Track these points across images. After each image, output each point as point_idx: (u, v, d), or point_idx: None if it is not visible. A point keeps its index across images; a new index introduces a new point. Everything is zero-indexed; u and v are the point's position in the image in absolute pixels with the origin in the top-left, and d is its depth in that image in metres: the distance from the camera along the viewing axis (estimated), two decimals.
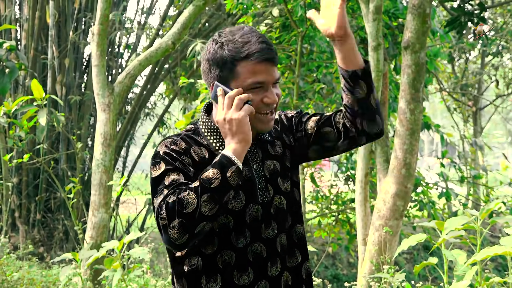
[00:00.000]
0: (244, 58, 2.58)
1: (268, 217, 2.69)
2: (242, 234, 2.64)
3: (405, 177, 6.19)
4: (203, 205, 2.37)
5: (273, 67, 2.63)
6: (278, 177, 2.77)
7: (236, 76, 2.60)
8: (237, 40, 2.60)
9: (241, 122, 2.52)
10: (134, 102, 14.01)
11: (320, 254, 13.80)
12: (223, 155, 2.48)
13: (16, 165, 11.53)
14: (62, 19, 12.50)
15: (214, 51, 2.63)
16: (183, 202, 2.38)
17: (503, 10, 17.23)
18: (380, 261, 6.29)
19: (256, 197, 2.67)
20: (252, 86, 2.60)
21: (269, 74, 2.62)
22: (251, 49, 2.58)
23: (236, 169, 2.46)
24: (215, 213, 2.41)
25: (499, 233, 15.72)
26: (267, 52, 2.59)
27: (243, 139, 2.52)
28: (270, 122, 2.67)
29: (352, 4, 9.08)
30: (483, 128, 21.20)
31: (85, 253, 6.01)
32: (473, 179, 13.20)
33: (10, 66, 7.41)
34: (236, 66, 2.59)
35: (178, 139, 2.66)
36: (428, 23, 6.06)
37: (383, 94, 7.27)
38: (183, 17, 9.12)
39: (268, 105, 2.63)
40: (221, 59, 2.60)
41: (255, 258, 2.64)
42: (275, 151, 2.81)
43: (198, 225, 2.39)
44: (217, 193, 2.40)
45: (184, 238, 2.38)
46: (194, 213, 2.37)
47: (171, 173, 2.53)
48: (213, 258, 2.63)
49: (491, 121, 31.58)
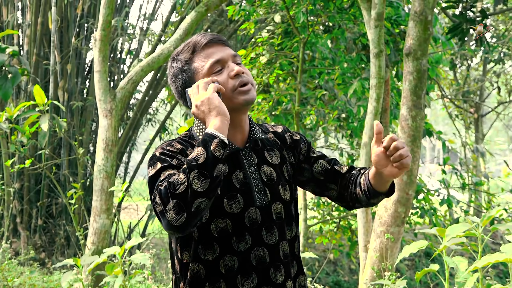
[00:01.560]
0: (193, 52, 2.72)
1: (269, 222, 2.70)
2: (242, 238, 2.64)
3: (407, 183, 6.19)
4: (193, 182, 2.37)
5: (223, 46, 2.75)
6: (278, 184, 2.78)
7: (196, 71, 2.72)
8: (183, 47, 2.76)
9: (210, 98, 2.55)
10: (136, 108, 14.02)
11: (322, 260, 13.80)
12: (205, 133, 2.50)
13: (18, 171, 11.54)
14: (65, 25, 12.52)
15: (171, 68, 2.79)
16: (174, 184, 2.39)
17: (505, 17, 17.25)
18: (382, 267, 6.29)
19: (254, 200, 2.68)
20: (212, 69, 2.70)
21: (221, 52, 2.72)
22: (195, 42, 2.72)
23: (219, 141, 2.46)
24: (208, 188, 2.40)
25: (501, 240, 15.71)
26: (209, 35, 2.72)
27: (218, 112, 2.54)
28: (249, 91, 2.71)
29: (354, 10, 9.08)
30: (484, 135, 21.20)
31: (86, 259, 6.01)
32: (474, 186, 13.19)
33: (13, 71, 7.42)
34: (191, 64, 2.72)
35: (173, 141, 2.71)
36: (430, 30, 6.07)
37: (384, 101, 7.28)
38: (185, 23, 9.14)
39: (236, 78, 2.69)
40: (178, 68, 2.75)
41: (259, 262, 2.65)
42: (272, 159, 2.82)
43: (193, 202, 2.38)
44: (205, 168, 2.40)
45: (182, 218, 2.38)
46: (186, 192, 2.37)
47: (166, 170, 2.54)
48: (215, 264, 2.63)
49: (493, 128, 31.57)
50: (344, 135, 12.32)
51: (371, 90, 6.91)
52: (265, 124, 2.99)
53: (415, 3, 6.08)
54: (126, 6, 13.68)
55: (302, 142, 2.96)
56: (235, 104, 2.67)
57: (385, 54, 6.96)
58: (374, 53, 6.85)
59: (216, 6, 9.47)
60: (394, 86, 9.92)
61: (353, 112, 9.70)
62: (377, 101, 6.88)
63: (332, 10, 8.90)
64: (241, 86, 2.68)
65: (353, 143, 11.41)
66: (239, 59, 2.75)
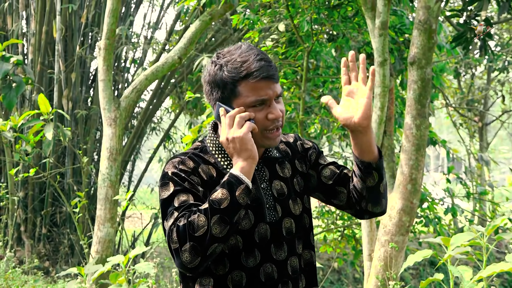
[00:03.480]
0: (243, 78, 2.58)
1: (278, 238, 2.69)
2: (252, 254, 2.63)
3: (411, 192, 6.18)
4: (213, 227, 2.37)
5: (273, 83, 2.62)
6: (288, 199, 2.76)
7: (238, 96, 2.60)
8: (236, 60, 2.60)
9: (244, 139, 2.52)
10: (140, 117, 14.02)
11: (326, 269, 13.77)
12: (231, 174, 2.48)
13: (22, 179, 11.53)
14: (69, 34, 12.54)
15: (214, 73, 2.64)
16: (193, 225, 2.38)
17: (509, 26, 17.25)
18: (386, 276, 6.28)
19: (265, 216, 2.67)
20: (254, 103, 2.60)
21: (270, 90, 2.61)
22: (250, 68, 2.57)
23: (245, 187, 2.46)
24: (226, 233, 2.41)
25: (505, 249, 15.65)
26: (266, 69, 2.59)
27: (249, 156, 2.52)
28: (276, 138, 2.66)
29: (358, 19, 9.08)
30: (489, 143, 21.16)
31: (90, 268, 6.01)
32: (479, 195, 13.16)
33: (17, 80, 7.44)
34: (236, 87, 2.59)
35: (186, 158, 2.65)
36: (434, 38, 6.06)
37: (389, 110, 7.28)
38: (190, 32, 9.15)
39: (273, 121, 2.62)
40: (221, 80, 2.61)
41: (267, 279, 2.64)
42: (283, 173, 2.80)
43: (210, 247, 2.39)
44: (227, 214, 2.40)
45: (196, 261, 2.39)
46: (205, 236, 2.37)
47: (180, 194, 2.52)
48: (223, 279, 2.62)
49: (497, 136, 31.51)
50: (348, 144, 12.31)
51: (375, 99, 6.91)
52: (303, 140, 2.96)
53: (419, 11, 6.08)
54: (130, 15, 13.70)
55: (313, 149, 2.93)
56: (257, 142, 2.61)
57: (389, 62, 6.96)
58: (378, 61, 6.85)
59: (220, 15, 9.48)
60: (399, 94, 9.92)
61: None
62: (382, 109, 6.87)
63: (336, 19, 8.91)
64: (272, 130, 2.64)
65: None
66: (282, 94, 2.69)
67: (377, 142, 6.92)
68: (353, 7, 8.88)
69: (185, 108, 14.48)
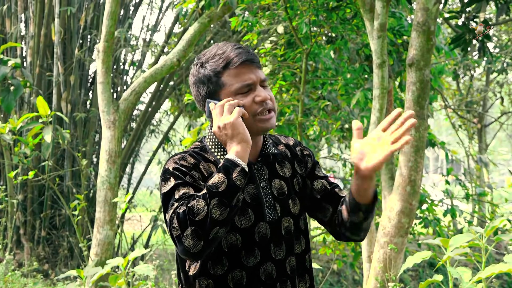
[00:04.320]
0: (224, 68, 2.66)
1: (277, 237, 2.71)
2: (252, 253, 2.65)
3: (410, 194, 6.18)
4: (213, 210, 2.39)
5: (255, 68, 2.69)
6: (288, 198, 2.78)
7: (223, 86, 2.67)
8: (214, 54, 2.68)
9: (234, 124, 2.55)
10: (139, 119, 14.01)
11: (325, 271, 13.77)
12: (226, 159, 2.51)
13: (21, 182, 11.53)
14: (68, 36, 12.53)
15: (197, 72, 2.72)
16: (193, 210, 2.40)
17: (508, 27, 17.26)
18: (385, 278, 6.28)
19: (264, 215, 2.68)
20: (240, 90, 2.66)
21: (252, 75, 2.68)
22: (228, 56, 2.65)
23: (241, 170, 2.48)
24: (226, 216, 2.42)
25: (504, 251, 15.66)
26: (245, 54, 2.66)
27: (242, 139, 2.55)
28: (270, 119, 2.70)
29: (357, 21, 9.08)
30: (488, 145, 21.17)
31: (90, 270, 6.01)
32: (478, 196, 13.17)
33: (15, 83, 7.44)
34: (220, 78, 2.67)
35: (186, 155, 2.69)
36: (432, 40, 6.07)
37: (387, 112, 7.28)
38: (188, 35, 9.16)
39: (261, 104, 2.67)
40: (205, 76, 2.69)
41: (266, 277, 2.66)
42: (283, 172, 2.82)
43: (211, 230, 2.40)
44: (226, 196, 2.42)
45: (199, 245, 2.40)
46: (205, 219, 2.39)
47: (181, 187, 2.54)
48: (223, 279, 2.63)
49: (496, 138, 31.59)
50: (347, 146, 12.31)
51: (374, 101, 6.91)
52: (277, 136, 2.99)
53: (417, 13, 6.08)
54: (129, 18, 13.70)
55: (310, 158, 2.96)
56: (253, 129, 2.66)
57: (388, 64, 6.96)
58: (377, 63, 6.85)
59: (219, 17, 9.49)
60: (397, 96, 9.92)
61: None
62: (380, 111, 6.88)
63: (335, 20, 8.91)
64: (263, 113, 2.68)
65: None
66: (266, 82, 2.73)
67: None
68: (351, 9, 8.89)
69: (184, 110, 14.47)
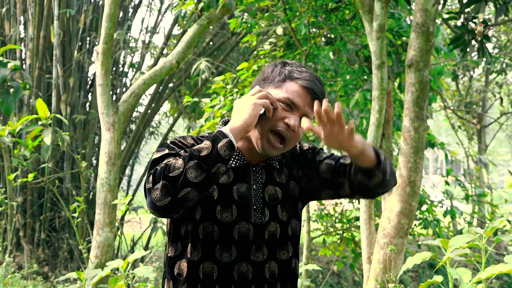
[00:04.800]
0: (293, 79, 2.70)
1: (260, 240, 2.71)
2: (227, 249, 2.66)
3: (410, 195, 6.18)
4: (188, 171, 2.40)
5: (311, 100, 2.70)
6: (278, 204, 2.78)
7: (279, 87, 2.71)
8: (298, 69, 2.74)
9: (254, 104, 2.58)
10: (138, 121, 14.02)
11: (325, 272, 13.77)
12: (218, 130, 2.55)
13: (21, 184, 11.54)
14: (67, 39, 12.54)
15: (277, 67, 2.78)
16: (169, 166, 2.43)
17: (506, 28, 17.27)
18: (385, 279, 6.28)
19: (249, 216, 2.69)
20: (283, 100, 2.68)
21: (303, 101, 2.70)
22: (303, 76, 2.70)
23: (228, 141, 2.49)
24: (201, 181, 2.42)
25: (504, 251, 15.67)
26: (314, 83, 2.71)
27: (245, 120, 2.56)
28: (276, 148, 2.70)
29: (356, 22, 9.08)
30: (487, 145, 21.17)
31: (89, 272, 6.01)
32: (478, 197, 13.17)
33: (15, 85, 7.43)
34: (285, 81, 2.71)
35: (187, 136, 2.73)
36: (431, 41, 6.07)
37: (387, 112, 7.28)
38: (187, 36, 9.16)
39: (283, 125, 2.67)
40: (279, 72, 2.73)
41: (240, 278, 2.67)
42: (280, 178, 2.83)
43: (182, 189, 2.40)
44: (205, 161, 2.43)
45: (165, 200, 2.41)
46: (178, 177, 2.40)
47: (170, 157, 2.57)
48: (196, 267, 2.66)
49: (496, 138, 31.59)
50: None
51: (374, 102, 6.91)
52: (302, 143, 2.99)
53: (416, 14, 6.09)
54: (128, 20, 13.71)
55: (310, 150, 2.95)
56: (257, 143, 2.70)
57: (387, 65, 6.96)
58: (376, 64, 6.85)
59: (218, 19, 9.49)
60: (397, 97, 9.92)
61: (356, 124, 9.69)
62: (380, 112, 6.88)
63: (334, 22, 8.91)
64: (275, 135, 2.68)
65: None
66: (308, 117, 2.70)
67: (375, 145, 6.93)
68: (350, 10, 8.89)
69: (183, 112, 14.49)
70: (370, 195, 2.83)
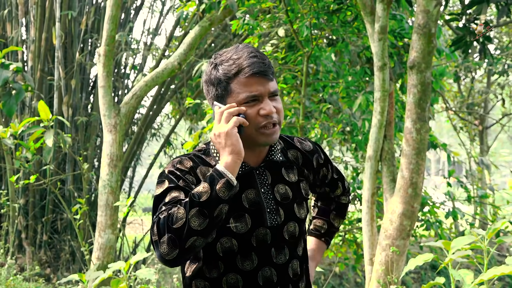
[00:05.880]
0: (235, 75, 2.62)
1: (279, 242, 2.70)
2: (248, 257, 2.64)
3: (412, 196, 6.18)
4: (191, 220, 2.37)
5: (266, 80, 2.64)
6: (293, 203, 2.76)
7: (230, 93, 2.64)
8: (230, 58, 2.64)
9: (228, 134, 2.53)
10: (140, 123, 14.01)
11: (327, 274, 13.76)
12: (214, 169, 2.49)
13: (23, 186, 11.53)
14: (69, 41, 12.54)
15: (209, 73, 2.69)
16: (172, 217, 2.39)
17: (508, 29, 17.26)
18: (387, 281, 6.27)
19: (265, 221, 2.67)
20: (246, 100, 2.62)
21: (261, 86, 2.63)
22: (241, 64, 2.61)
23: (226, 182, 2.45)
24: (206, 227, 2.40)
25: (507, 252, 15.65)
26: (257, 65, 2.61)
27: (232, 151, 2.52)
28: (272, 134, 2.66)
29: (358, 24, 9.08)
30: (489, 147, 21.15)
31: (91, 274, 6.00)
32: (480, 198, 13.16)
33: (17, 87, 7.44)
34: (229, 84, 2.63)
35: (185, 158, 2.68)
36: (433, 42, 6.07)
37: (389, 114, 7.27)
38: (189, 38, 9.16)
39: (265, 117, 2.63)
40: (216, 79, 2.65)
41: (265, 282, 2.65)
42: (289, 177, 2.80)
43: (187, 240, 2.38)
44: (206, 207, 2.40)
45: (174, 253, 2.38)
46: (182, 228, 2.37)
47: (172, 191, 2.53)
48: (218, 281, 2.63)
49: (498, 139, 31.53)
50: (348, 149, 12.30)
51: (375, 103, 6.91)
52: (292, 139, 2.96)
53: (418, 16, 6.08)
54: (130, 21, 13.70)
55: (324, 168, 3.00)
56: (254, 140, 2.65)
57: (389, 67, 6.96)
58: (378, 66, 6.85)
59: (219, 21, 9.50)
60: (398, 99, 9.92)
61: (358, 125, 9.69)
62: (382, 114, 6.87)
63: (335, 23, 8.91)
64: (266, 126, 2.65)
65: (357, 156, 11.38)
66: (277, 93, 2.70)
67: (377, 146, 6.93)
68: (352, 12, 8.88)
69: (185, 114, 14.47)
70: None
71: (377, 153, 6.96)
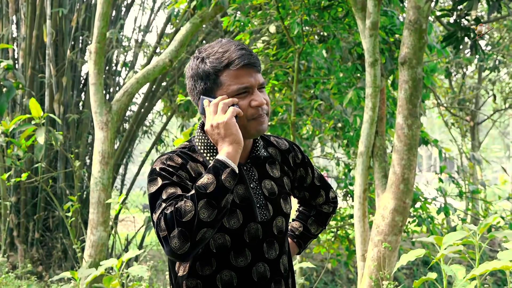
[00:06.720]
0: (225, 67, 2.60)
1: (270, 237, 2.70)
2: (242, 253, 2.63)
3: (404, 192, 6.19)
4: (201, 212, 2.36)
5: (255, 72, 2.65)
6: (279, 198, 2.77)
7: (220, 85, 2.63)
8: (217, 51, 2.63)
9: (228, 124, 2.53)
10: (132, 120, 13.99)
11: (320, 270, 13.78)
12: (216, 160, 2.48)
13: (14, 184, 11.51)
14: (60, 38, 12.51)
15: (196, 67, 2.66)
16: (180, 211, 2.37)
17: (499, 25, 17.29)
18: (379, 276, 6.28)
19: (255, 216, 2.67)
20: (237, 92, 2.62)
21: (252, 78, 2.63)
22: (231, 56, 2.60)
23: (231, 171, 2.45)
24: (214, 218, 2.39)
25: (498, 248, 15.69)
26: (247, 57, 2.62)
27: (234, 140, 2.52)
28: (263, 124, 2.67)
29: (349, 20, 9.08)
30: (481, 142, 21.22)
31: (83, 272, 6.00)
32: (471, 193, 13.18)
33: (8, 85, 7.42)
34: (219, 77, 2.62)
35: (173, 155, 2.66)
36: (424, 38, 6.08)
37: (380, 110, 7.28)
38: (180, 35, 9.16)
39: (256, 109, 2.64)
40: (204, 72, 2.64)
41: (260, 278, 2.65)
42: (273, 173, 2.82)
43: (198, 232, 2.37)
44: (214, 198, 2.39)
45: (185, 247, 2.37)
46: (193, 221, 2.36)
47: (168, 187, 2.51)
48: (212, 279, 2.62)
49: (489, 135, 31.64)
50: (340, 145, 12.30)
51: (367, 99, 6.92)
52: (269, 137, 2.97)
53: (409, 12, 6.09)
54: (121, 19, 13.68)
55: (301, 168, 3.00)
56: (247, 132, 2.64)
57: (380, 63, 6.97)
58: (369, 62, 6.86)
59: (211, 17, 9.49)
60: (390, 95, 9.92)
61: (349, 121, 9.70)
62: (373, 110, 6.88)
63: (326, 20, 8.91)
64: (257, 117, 2.65)
65: (349, 152, 11.38)
66: (265, 85, 2.71)
67: (369, 142, 6.94)
68: (343, 8, 8.89)
69: (176, 111, 14.46)
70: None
71: (369, 149, 6.97)
